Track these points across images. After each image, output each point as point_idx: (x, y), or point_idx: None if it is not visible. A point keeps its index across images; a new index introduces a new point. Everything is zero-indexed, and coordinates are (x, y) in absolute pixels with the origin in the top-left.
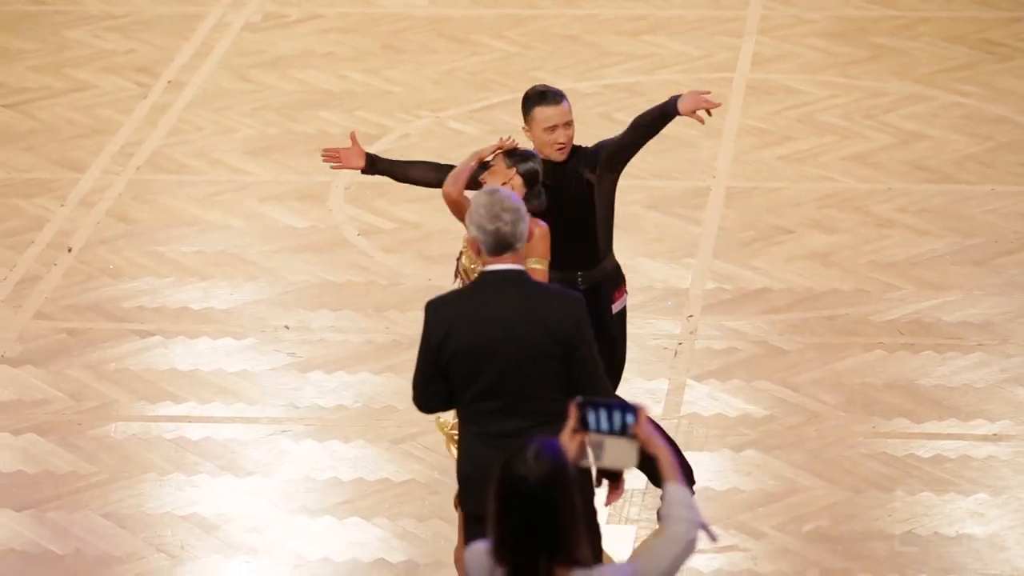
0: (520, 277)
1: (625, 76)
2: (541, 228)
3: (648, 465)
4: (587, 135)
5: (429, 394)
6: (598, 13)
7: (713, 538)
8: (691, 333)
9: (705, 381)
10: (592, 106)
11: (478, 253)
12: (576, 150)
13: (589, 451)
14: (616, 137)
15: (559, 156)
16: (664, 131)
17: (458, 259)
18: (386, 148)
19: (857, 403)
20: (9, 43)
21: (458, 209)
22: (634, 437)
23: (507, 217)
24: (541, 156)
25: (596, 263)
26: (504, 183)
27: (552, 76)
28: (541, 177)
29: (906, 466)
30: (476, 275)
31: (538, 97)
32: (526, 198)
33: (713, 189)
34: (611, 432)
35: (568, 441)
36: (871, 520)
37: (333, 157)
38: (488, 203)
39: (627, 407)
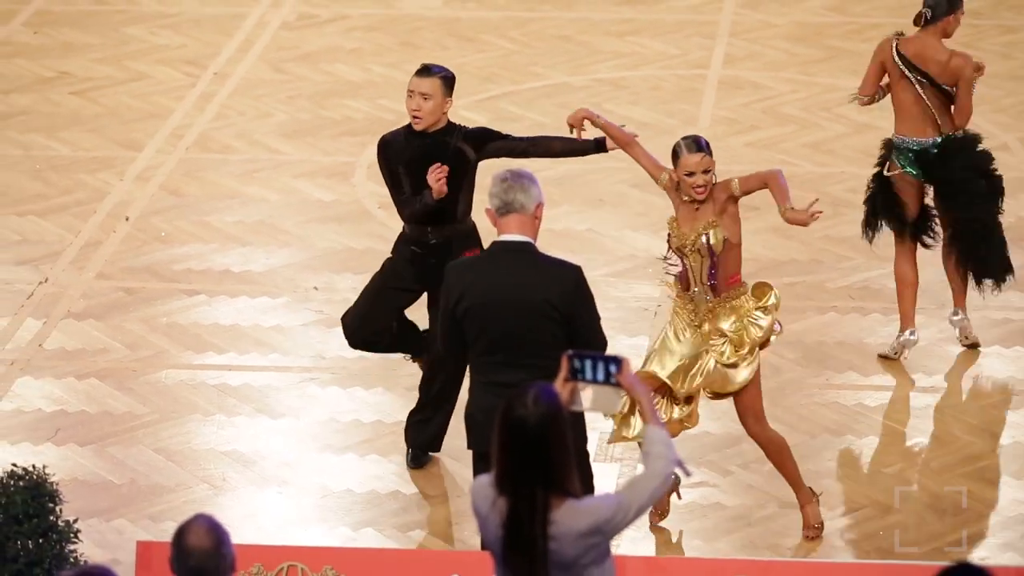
0: (527, 247)
1: (612, 72)
2: None
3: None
4: None
5: (450, 341)
6: (589, 16)
7: (687, 473)
8: (669, 296)
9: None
10: (583, 98)
11: (493, 223)
12: (457, 128)
13: (577, 398)
14: (510, 139)
15: (418, 125)
16: (647, 119)
17: (668, 238)
18: None
19: (813, 359)
20: (76, 38)
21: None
22: (618, 385)
23: (509, 179)
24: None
25: (450, 222)
26: None
27: (548, 71)
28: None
29: (855, 414)
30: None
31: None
32: None
33: None
34: (598, 381)
35: (561, 388)
36: (824, 460)
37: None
38: (501, 174)
39: (612, 359)
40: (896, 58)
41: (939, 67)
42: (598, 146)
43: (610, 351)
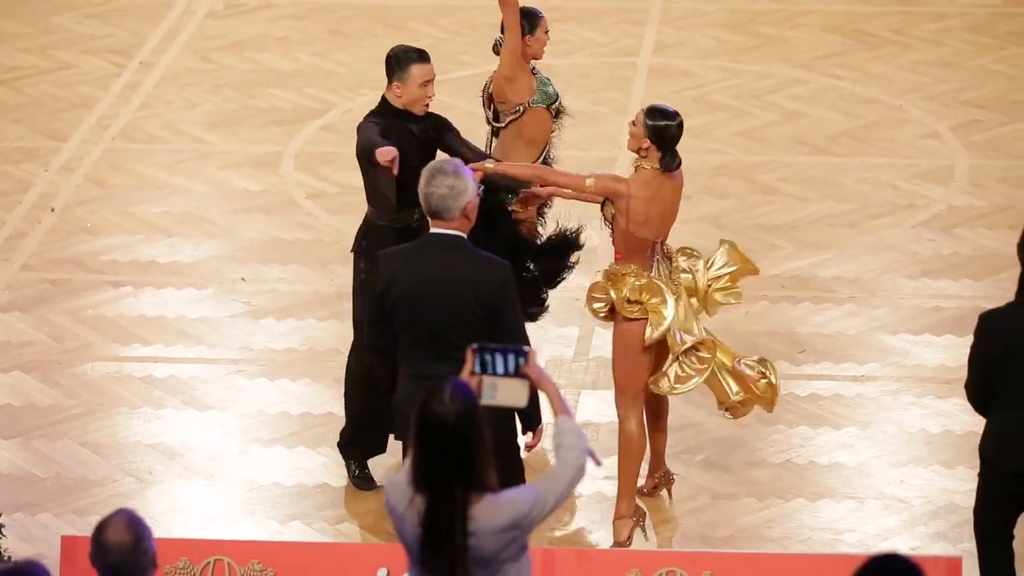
0: (458, 242)
1: (541, 60)
2: None
3: None
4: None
5: (376, 332)
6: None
7: (598, 463)
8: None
9: (610, 328)
10: None
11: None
12: (429, 113)
13: (484, 391)
14: (465, 144)
15: (424, 111)
16: (576, 107)
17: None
18: (332, 121)
19: (743, 348)
20: (1, 27)
21: None
22: (525, 378)
23: (440, 185)
24: (409, 110)
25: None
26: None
27: (479, 59)
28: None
29: (785, 403)
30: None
31: (415, 55)
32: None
33: (619, 160)
34: (504, 374)
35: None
36: (755, 451)
37: None
38: (429, 169)
39: (518, 351)
40: None
41: None
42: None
43: (540, 341)
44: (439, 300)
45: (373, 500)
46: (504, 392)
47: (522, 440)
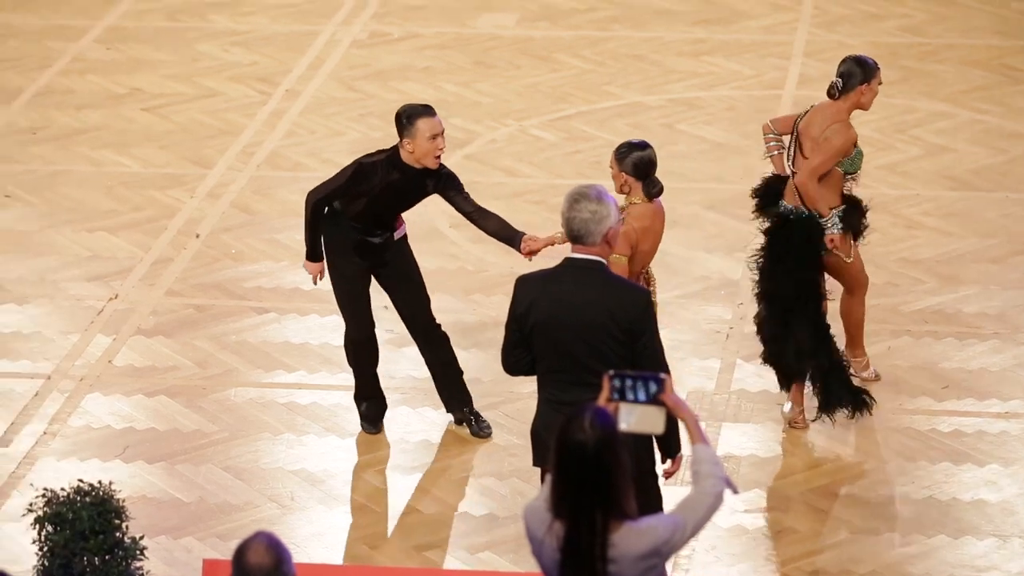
0: (598, 267)
1: (686, 92)
2: (624, 227)
3: None
4: (651, 142)
5: (513, 357)
6: (663, 36)
7: (735, 491)
8: (741, 319)
9: (752, 361)
10: (656, 118)
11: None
12: (441, 168)
13: (621, 417)
14: (464, 199)
15: (436, 164)
16: (721, 139)
17: None
18: (475, 151)
19: (886, 383)
20: (149, 55)
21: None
22: (662, 404)
23: (583, 209)
24: (424, 166)
25: (391, 229)
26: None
27: (622, 90)
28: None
29: (928, 439)
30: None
31: (421, 109)
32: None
33: None
34: (640, 400)
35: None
36: (897, 486)
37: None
38: (572, 194)
39: (655, 378)
40: None
41: None
42: (517, 242)
43: (682, 373)
44: (578, 326)
45: (513, 528)
46: (641, 419)
47: (660, 468)
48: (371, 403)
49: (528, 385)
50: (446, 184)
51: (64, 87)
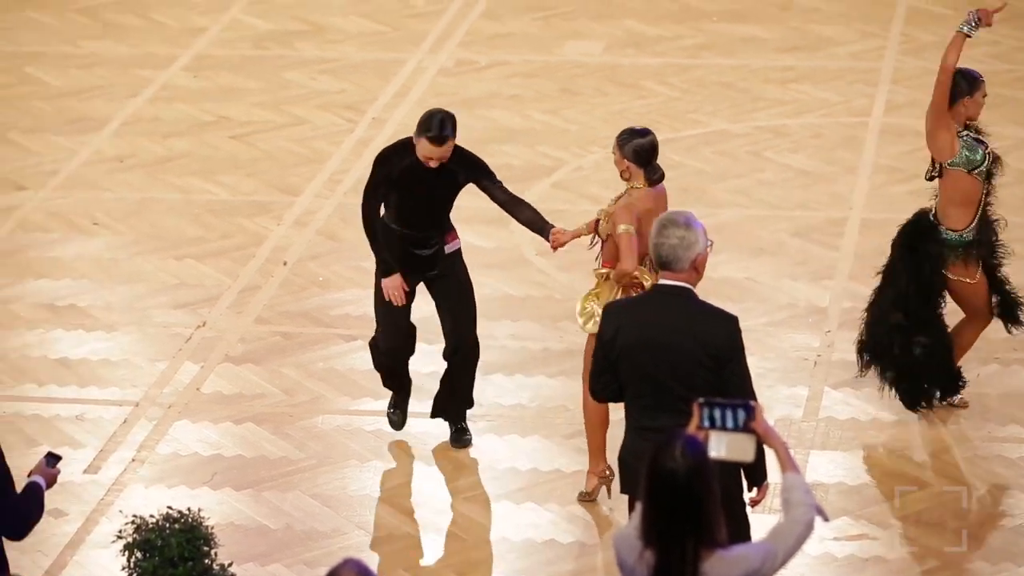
0: (686, 293)
1: (773, 119)
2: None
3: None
4: (737, 172)
5: (601, 383)
6: (750, 63)
7: (826, 519)
8: (828, 346)
9: (840, 389)
10: (742, 145)
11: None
12: (458, 151)
13: (711, 445)
14: (496, 186)
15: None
16: (807, 167)
17: (597, 221)
18: (563, 178)
19: (975, 411)
20: (236, 83)
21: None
22: (752, 432)
23: (671, 236)
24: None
25: (438, 235)
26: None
27: (708, 118)
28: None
29: (1018, 467)
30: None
31: (427, 131)
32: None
33: (850, 219)
34: (730, 428)
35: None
36: (987, 514)
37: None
38: (661, 220)
39: (745, 406)
40: None
41: None
42: (547, 233)
43: (769, 401)
44: (665, 352)
45: (601, 556)
46: (731, 446)
47: (747, 496)
48: (396, 410)
49: (615, 412)
50: (477, 174)
51: (151, 115)
